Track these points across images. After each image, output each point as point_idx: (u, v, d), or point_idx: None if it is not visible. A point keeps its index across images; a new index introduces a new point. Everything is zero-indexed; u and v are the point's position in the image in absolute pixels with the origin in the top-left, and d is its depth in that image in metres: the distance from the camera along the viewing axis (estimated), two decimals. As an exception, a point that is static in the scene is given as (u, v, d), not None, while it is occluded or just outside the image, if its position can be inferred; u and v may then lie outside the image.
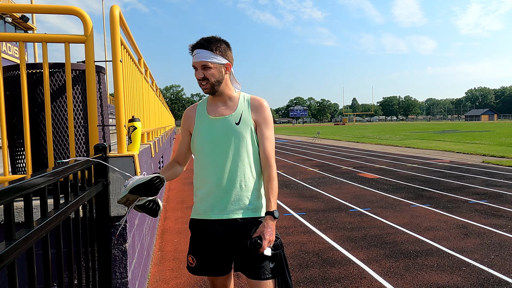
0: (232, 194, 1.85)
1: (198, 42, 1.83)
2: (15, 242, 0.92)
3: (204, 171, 1.89)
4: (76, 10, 2.06)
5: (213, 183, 1.85)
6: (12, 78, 2.23)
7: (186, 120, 2.01)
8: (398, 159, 13.15)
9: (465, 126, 51.81)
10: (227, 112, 1.88)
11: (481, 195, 6.87)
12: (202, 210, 1.90)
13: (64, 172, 1.35)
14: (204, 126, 1.90)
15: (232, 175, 1.84)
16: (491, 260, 3.79)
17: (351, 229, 4.94)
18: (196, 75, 1.82)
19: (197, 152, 1.92)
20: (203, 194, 1.89)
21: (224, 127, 1.86)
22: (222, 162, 1.85)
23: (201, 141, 1.89)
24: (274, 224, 1.81)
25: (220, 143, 1.85)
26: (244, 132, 1.85)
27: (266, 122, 1.91)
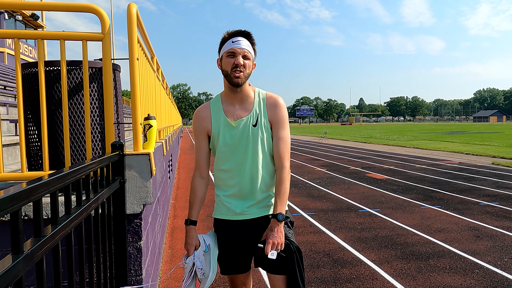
0: (255, 196, 1.88)
1: (240, 30, 1.80)
2: (44, 239, 0.93)
3: (225, 175, 1.90)
4: (94, 8, 2.07)
5: (236, 186, 1.88)
6: (29, 76, 2.25)
7: (201, 122, 1.92)
8: (406, 160, 13.07)
9: (473, 127, 51.34)
10: (244, 114, 1.86)
11: (492, 197, 6.80)
12: (225, 210, 1.93)
13: (87, 169, 1.35)
14: (224, 130, 1.87)
15: (253, 177, 1.86)
16: (504, 262, 3.75)
17: (361, 230, 4.92)
18: (235, 61, 1.75)
19: (218, 156, 1.91)
20: (225, 196, 1.92)
21: (243, 130, 1.84)
22: (243, 165, 1.86)
23: (222, 145, 1.87)
24: (280, 227, 1.76)
25: (240, 146, 1.85)
26: (261, 134, 1.86)
27: (281, 121, 1.88)
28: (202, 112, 1.93)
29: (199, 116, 1.93)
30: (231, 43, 1.77)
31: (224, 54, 1.79)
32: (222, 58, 1.81)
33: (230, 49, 1.76)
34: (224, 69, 1.79)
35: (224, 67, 1.79)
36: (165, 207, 4.88)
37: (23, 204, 0.82)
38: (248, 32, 1.81)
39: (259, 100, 1.89)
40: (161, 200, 3.85)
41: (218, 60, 1.86)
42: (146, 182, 2.19)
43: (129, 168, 2.14)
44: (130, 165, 2.14)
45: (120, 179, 1.98)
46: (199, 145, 1.95)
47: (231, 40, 1.77)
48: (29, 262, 0.84)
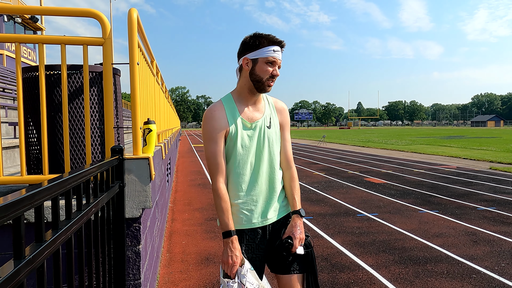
0: (273, 200, 1.85)
1: (281, 40, 1.75)
2: (45, 244, 0.93)
3: (243, 179, 1.79)
4: (95, 13, 2.09)
5: (256, 191, 1.80)
6: (30, 79, 2.26)
7: (219, 123, 1.76)
8: (404, 164, 13.10)
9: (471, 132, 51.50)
10: (258, 116, 1.83)
11: (489, 202, 6.82)
12: (245, 219, 1.80)
13: (87, 173, 1.36)
14: (241, 132, 1.78)
15: (271, 181, 1.84)
16: (501, 268, 3.76)
17: (359, 234, 4.92)
18: (273, 71, 1.73)
19: (236, 160, 1.78)
20: (245, 204, 1.80)
21: (259, 132, 1.80)
22: (262, 169, 1.81)
23: (242, 149, 1.78)
24: (302, 222, 1.84)
25: (258, 149, 1.80)
26: (275, 136, 1.86)
27: (288, 125, 1.95)
28: (218, 112, 1.78)
29: (216, 117, 1.77)
30: (273, 51, 1.72)
31: (262, 60, 1.72)
32: (257, 63, 1.73)
33: (271, 58, 1.71)
34: (259, 74, 1.73)
35: (259, 72, 1.72)
36: (164, 211, 4.88)
37: (26, 210, 0.83)
38: (285, 44, 1.78)
39: (269, 104, 1.89)
40: (159, 203, 3.85)
41: (246, 60, 1.75)
42: (145, 186, 2.19)
43: (129, 172, 2.14)
44: (130, 169, 2.15)
45: (119, 183, 1.99)
46: (219, 148, 1.76)
47: (273, 49, 1.72)
48: (31, 267, 0.84)
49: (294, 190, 1.89)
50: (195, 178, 10.14)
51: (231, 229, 1.72)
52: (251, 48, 1.73)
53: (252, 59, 1.73)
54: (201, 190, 8.38)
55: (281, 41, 1.76)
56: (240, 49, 1.79)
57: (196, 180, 9.86)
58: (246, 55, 1.75)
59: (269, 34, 1.74)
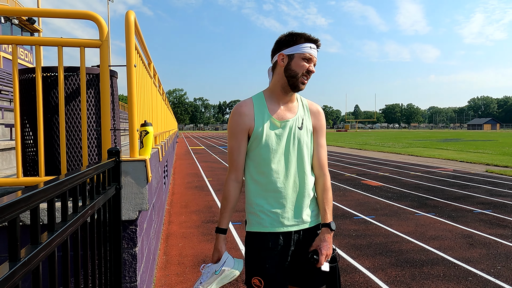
0: (301, 206, 1.76)
1: (317, 38, 1.73)
2: (40, 246, 0.93)
3: (269, 180, 1.71)
4: (92, 15, 2.09)
5: (281, 194, 1.71)
6: (26, 81, 2.25)
7: (243, 119, 1.72)
8: (401, 167, 13.13)
9: (467, 135, 51.73)
10: (290, 115, 1.75)
11: (485, 205, 6.85)
12: (268, 222, 1.72)
13: (83, 175, 1.36)
14: (270, 130, 1.71)
15: (300, 184, 1.75)
16: (497, 270, 3.77)
17: (356, 237, 4.93)
18: (309, 67, 1.70)
19: (261, 159, 1.72)
20: (269, 206, 1.72)
21: (290, 132, 1.73)
22: (289, 170, 1.73)
23: (268, 147, 1.71)
24: (331, 237, 1.74)
25: (286, 150, 1.73)
26: (306, 138, 1.78)
27: (323, 129, 1.86)
28: (245, 108, 1.73)
29: (242, 112, 1.72)
30: (309, 48, 1.69)
31: (298, 55, 1.69)
32: (293, 58, 1.69)
33: (308, 54, 1.68)
34: (295, 70, 1.69)
35: (294, 67, 1.69)
36: (160, 213, 4.87)
37: (21, 211, 0.83)
38: (320, 44, 1.76)
39: (302, 105, 1.82)
40: (156, 206, 3.84)
41: (281, 55, 1.72)
42: (142, 188, 2.19)
43: (125, 175, 2.14)
44: (126, 171, 2.15)
45: (116, 185, 1.98)
46: (239, 145, 1.74)
47: (310, 45, 1.69)
48: (26, 270, 0.84)
49: (326, 200, 1.79)
50: (192, 181, 10.13)
51: (219, 226, 1.78)
52: (287, 45, 1.71)
53: (288, 54, 1.70)
54: (198, 192, 8.36)
55: (318, 40, 1.73)
56: (275, 47, 1.76)
57: (193, 182, 9.85)
58: (281, 51, 1.72)
59: (304, 32, 1.73)
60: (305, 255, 1.73)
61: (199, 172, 12.11)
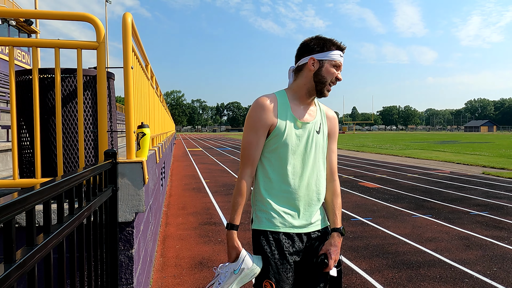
0: (314, 209, 1.76)
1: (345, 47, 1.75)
2: (36, 248, 0.93)
3: (284, 179, 1.69)
4: (89, 17, 2.09)
5: (296, 195, 1.70)
6: (23, 83, 2.25)
7: (267, 113, 1.67)
8: (399, 169, 13.17)
9: (464, 137, 51.92)
10: (309, 118, 1.75)
11: (482, 207, 6.88)
12: (281, 221, 1.69)
13: (79, 177, 1.36)
14: (289, 129, 1.69)
15: (314, 188, 1.75)
16: (493, 272, 3.79)
17: (353, 239, 4.94)
18: (338, 75, 1.71)
19: (278, 157, 1.69)
20: (283, 205, 1.70)
21: (308, 134, 1.72)
22: (305, 172, 1.71)
23: (287, 147, 1.68)
24: (340, 242, 1.76)
25: (304, 151, 1.72)
26: (323, 143, 1.78)
27: (336, 135, 1.89)
28: (270, 103, 1.68)
29: (266, 107, 1.67)
30: (339, 56, 1.70)
31: (329, 62, 1.69)
32: (324, 65, 1.69)
33: (338, 61, 1.69)
34: (325, 76, 1.69)
35: (325, 73, 1.69)
36: (157, 215, 4.87)
37: (17, 213, 0.83)
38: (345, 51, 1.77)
39: (320, 110, 1.82)
40: (153, 208, 3.84)
41: (312, 59, 1.70)
42: (139, 190, 2.19)
43: (122, 176, 2.14)
44: (123, 173, 2.15)
45: (112, 187, 1.98)
46: (257, 139, 1.68)
47: (339, 53, 1.70)
48: (21, 271, 0.84)
49: (336, 205, 1.82)
50: (189, 182, 10.12)
51: (232, 223, 1.69)
52: (319, 50, 1.70)
53: (319, 60, 1.69)
54: (195, 194, 8.36)
55: (345, 47, 1.75)
56: (302, 50, 1.73)
57: (190, 184, 9.84)
58: (312, 55, 1.70)
59: (332, 38, 1.73)
60: (312, 259, 1.72)
61: (196, 174, 12.10)
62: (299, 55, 1.75)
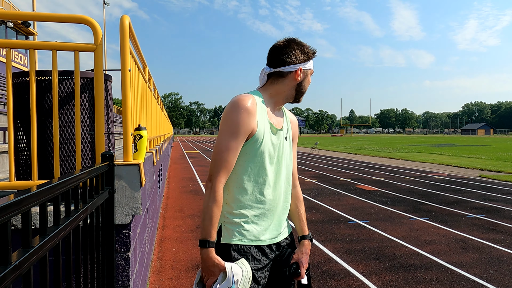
0: (284, 217, 1.71)
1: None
2: (32, 250, 0.93)
3: (259, 189, 1.58)
4: (87, 19, 2.09)
5: (270, 205, 1.61)
6: (20, 85, 2.25)
7: (251, 119, 1.52)
8: (396, 172, 13.19)
9: (461, 140, 52.10)
10: (281, 124, 1.67)
11: (478, 210, 6.90)
12: (253, 234, 1.57)
13: (76, 179, 1.36)
14: (269, 136, 1.59)
15: (285, 195, 1.70)
16: (490, 275, 3.80)
17: (350, 241, 4.94)
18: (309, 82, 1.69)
19: (256, 166, 1.57)
20: (254, 216, 1.58)
21: (281, 142, 1.65)
22: (279, 182, 1.65)
23: (264, 155, 1.57)
24: (309, 249, 1.72)
25: (278, 160, 1.64)
26: (289, 149, 1.72)
27: (296, 139, 1.82)
28: (252, 106, 1.53)
29: (249, 110, 1.51)
30: (312, 64, 1.68)
31: (309, 72, 1.67)
32: (307, 75, 1.66)
33: (312, 70, 1.68)
34: (306, 86, 1.67)
35: (306, 84, 1.67)
36: (154, 217, 4.86)
37: (12, 215, 0.83)
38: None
39: (285, 114, 1.75)
40: (150, 210, 3.83)
41: (301, 70, 1.62)
42: (136, 192, 2.19)
43: (119, 179, 2.14)
44: (120, 175, 2.15)
45: (109, 189, 1.98)
46: (238, 145, 1.52)
47: (312, 61, 1.68)
48: (17, 274, 0.84)
49: (302, 212, 1.78)
50: (187, 185, 10.10)
51: (210, 239, 1.50)
52: (304, 60, 1.63)
53: (304, 70, 1.64)
54: (192, 196, 8.34)
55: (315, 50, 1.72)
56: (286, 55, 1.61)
57: (188, 186, 9.83)
58: (300, 66, 1.61)
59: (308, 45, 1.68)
60: (283, 269, 1.64)
61: (194, 176, 12.09)
62: (279, 59, 1.61)
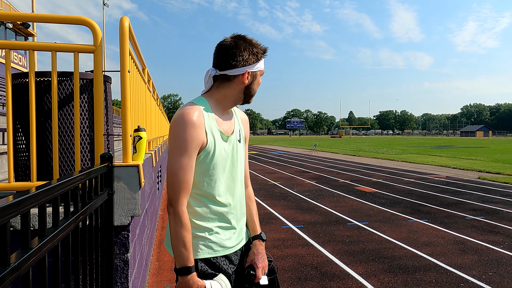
0: (243, 222, 1.65)
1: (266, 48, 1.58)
2: (31, 251, 0.93)
3: (218, 200, 1.52)
4: (87, 21, 2.10)
5: (230, 213, 1.56)
6: (19, 86, 2.25)
7: (198, 133, 1.44)
8: (395, 173, 13.20)
9: (460, 142, 52.16)
10: (232, 128, 1.59)
11: (477, 211, 6.90)
12: (218, 245, 1.53)
13: (75, 181, 1.35)
14: (220, 145, 1.52)
15: (242, 201, 1.64)
16: (489, 277, 3.80)
17: (349, 243, 4.94)
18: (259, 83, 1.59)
19: (212, 178, 1.51)
20: (218, 227, 1.53)
21: (234, 147, 1.57)
22: (235, 188, 1.58)
23: (218, 165, 1.51)
24: (263, 248, 1.66)
25: (232, 166, 1.57)
26: (243, 151, 1.65)
27: (248, 138, 1.73)
28: (198, 119, 1.45)
29: (196, 123, 1.43)
30: (263, 63, 1.57)
31: (259, 73, 1.56)
32: (256, 77, 1.55)
33: (263, 70, 1.58)
34: (255, 88, 1.57)
35: (256, 86, 1.57)
36: (153, 219, 4.85)
37: (11, 216, 0.83)
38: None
39: (236, 115, 1.67)
40: (149, 211, 3.83)
41: (248, 73, 1.52)
42: (135, 194, 2.19)
43: (118, 180, 2.14)
44: (119, 176, 2.15)
45: (108, 190, 1.98)
46: (191, 162, 1.45)
47: (263, 60, 1.57)
48: (16, 275, 0.84)
49: (254, 211, 1.71)
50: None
51: (190, 265, 1.42)
52: (253, 61, 1.52)
53: (252, 72, 1.53)
54: (192, 198, 8.33)
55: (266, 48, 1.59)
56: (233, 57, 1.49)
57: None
58: (248, 69, 1.51)
59: (256, 41, 1.56)
60: (242, 273, 1.61)
61: (193, 177, 12.07)
62: (226, 61, 1.50)
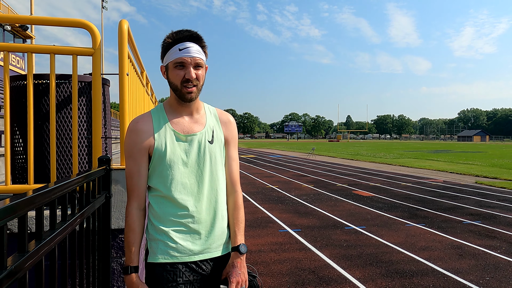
0: (215, 229, 1.53)
1: (189, 33, 1.47)
2: (27, 254, 0.93)
3: (178, 203, 1.47)
4: (86, 23, 2.10)
5: (193, 218, 1.49)
6: (17, 88, 2.25)
7: (142, 138, 1.47)
8: (392, 178, 13.22)
9: (457, 146, 52.32)
10: (197, 128, 1.54)
11: (475, 216, 6.91)
12: (178, 250, 1.47)
13: (72, 184, 1.35)
14: (175, 147, 1.49)
15: (212, 205, 1.53)
16: (486, 281, 3.80)
17: (347, 247, 4.93)
18: (185, 74, 1.46)
19: (167, 180, 1.48)
20: (178, 231, 1.48)
21: (199, 147, 1.52)
22: (202, 191, 1.51)
23: (174, 166, 1.48)
24: (242, 261, 1.54)
25: (197, 167, 1.51)
26: (218, 152, 1.57)
27: (234, 140, 1.66)
28: (142, 124, 1.49)
29: (139, 130, 1.48)
30: (178, 51, 1.45)
31: (171, 65, 1.47)
32: (168, 69, 1.49)
33: (178, 59, 1.45)
34: (173, 82, 1.48)
35: (172, 79, 1.48)
36: (151, 222, 4.83)
37: (8, 219, 0.83)
38: (197, 35, 1.50)
39: (210, 114, 1.61)
40: (146, 215, 3.81)
41: (162, 68, 1.53)
42: (132, 197, 2.18)
43: (116, 183, 2.13)
44: (117, 179, 2.14)
45: (106, 193, 1.97)
46: (138, 168, 1.49)
47: (178, 48, 1.45)
48: (13, 279, 0.84)
49: (236, 220, 1.58)
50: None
51: (131, 265, 1.46)
52: (162, 54, 1.50)
53: (165, 65, 1.50)
54: (189, 201, 8.31)
55: (186, 34, 1.47)
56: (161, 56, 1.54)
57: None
58: (162, 64, 1.52)
59: (178, 30, 1.49)
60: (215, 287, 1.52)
61: (190, 181, 12.05)
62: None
